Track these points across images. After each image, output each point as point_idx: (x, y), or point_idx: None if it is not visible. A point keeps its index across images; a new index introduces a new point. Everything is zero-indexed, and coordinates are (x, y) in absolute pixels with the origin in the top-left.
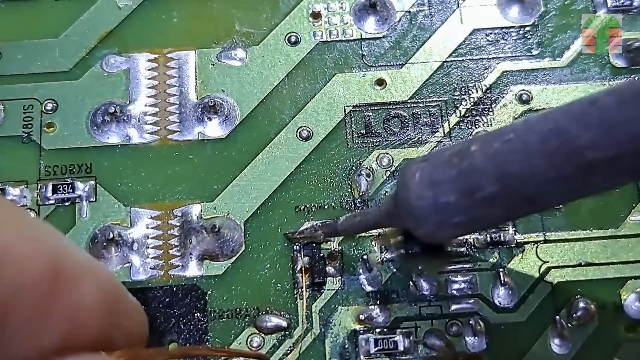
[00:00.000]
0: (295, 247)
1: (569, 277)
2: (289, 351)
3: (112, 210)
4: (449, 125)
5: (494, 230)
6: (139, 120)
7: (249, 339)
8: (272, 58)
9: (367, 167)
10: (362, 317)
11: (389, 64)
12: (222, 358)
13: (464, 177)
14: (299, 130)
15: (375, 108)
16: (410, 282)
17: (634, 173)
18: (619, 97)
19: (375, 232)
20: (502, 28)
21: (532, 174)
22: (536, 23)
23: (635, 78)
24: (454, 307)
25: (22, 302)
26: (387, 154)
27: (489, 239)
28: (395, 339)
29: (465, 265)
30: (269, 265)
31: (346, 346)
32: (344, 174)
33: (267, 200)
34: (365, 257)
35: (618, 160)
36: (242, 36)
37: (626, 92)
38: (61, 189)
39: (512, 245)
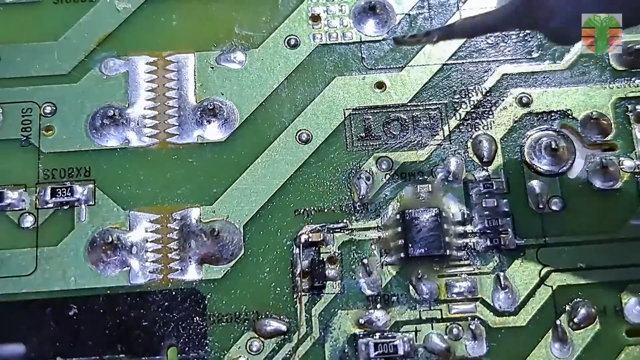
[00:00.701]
0: (295, 250)
1: (569, 281)
2: (288, 355)
3: (111, 214)
4: (448, 128)
5: (493, 234)
6: (138, 124)
7: (249, 343)
8: (271, 61)
9: (366, 171)
10: (361, 321)
11: (388, 66)
12: None
13: None
14: (298, 134)
15: (375, 111)
16: (410, 286)
17: None
18: None
19: (375, 235)
20: (502, 31)
21: None
22: None
23: (635, 81)
24: (454, 310)
25: None
26: (386, 157)
27: (489, 242)
28: (395, 343)
29: (465, 269)
30: (268, 269)
31: (346, 350)
32: (343, 177)
33: (266, 204)
34: (365, 260)
35: None
36: (241, 39)
37: None
38: (60, 192)
39: (513, 249)
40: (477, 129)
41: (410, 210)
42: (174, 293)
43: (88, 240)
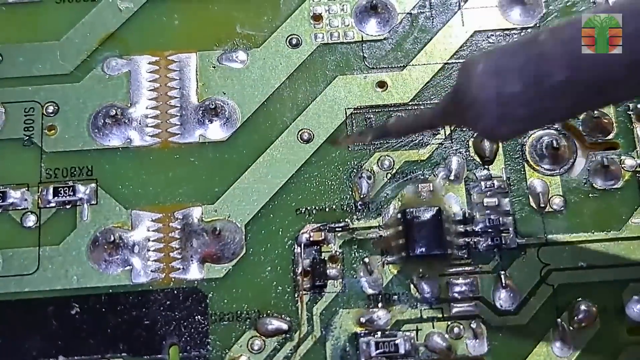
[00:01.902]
0: (296, 249)
1: (570, 280)
2: (289, 354)
3: (113, 213)
4: (450, 127)
5: (494, 233)
6: (140, 123)
7: (250, 342)
8: (273, 60)
9: (368, 170)
10: (363, 319)
11: (390, 66)
12: None
13: (533, 64)
14: (300, 133)
15: (377, 110)
16: (411, 285)
17: None
18: None
19: (376, 234)
20: (503, 30)
21: (605, 60)
22: (538, 25)
23: None
24: (455, 309)
25: None
26: (388, 156)
27: (490, 241)
28: (396, 341)
29: (466, 268)
30: (269, 268)
31: (347, 349)
32: (344, 177)
33: (268, 203)
34: (366, 259)
35: None
36: (243, 38)
37: None
38: (62, 191)
39: (514, 248)
40: None
41: (411, 210)
42: (175, 292)
43: (90, 239)
